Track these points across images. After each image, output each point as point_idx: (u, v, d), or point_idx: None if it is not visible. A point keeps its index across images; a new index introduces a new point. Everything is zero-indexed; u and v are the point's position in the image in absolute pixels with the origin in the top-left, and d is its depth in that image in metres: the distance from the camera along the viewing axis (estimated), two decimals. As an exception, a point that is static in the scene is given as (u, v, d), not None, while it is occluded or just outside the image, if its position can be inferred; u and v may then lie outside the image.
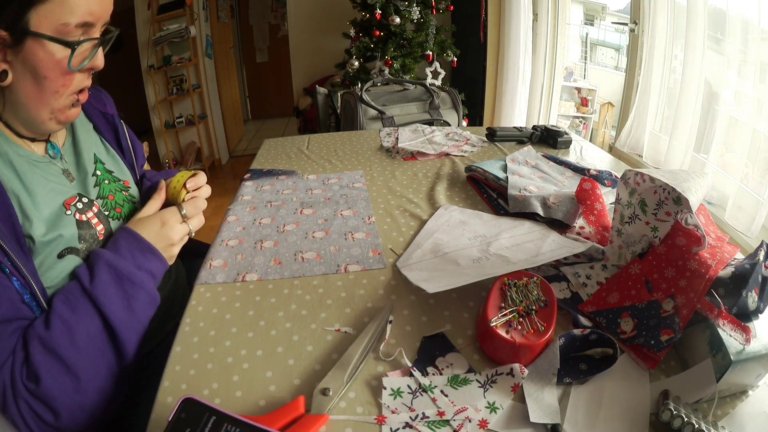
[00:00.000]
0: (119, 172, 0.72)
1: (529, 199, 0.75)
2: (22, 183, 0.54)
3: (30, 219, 0.53)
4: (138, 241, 0.59)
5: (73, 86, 0.56)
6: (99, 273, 0.54)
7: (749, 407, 0.44)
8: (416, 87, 1.65)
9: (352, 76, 2.59)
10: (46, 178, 0.58)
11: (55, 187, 0.58)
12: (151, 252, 0.59)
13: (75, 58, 0.52)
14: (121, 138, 0.75)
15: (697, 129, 1.57)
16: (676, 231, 0.53)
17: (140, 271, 0.57)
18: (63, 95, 0.55)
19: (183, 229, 0.63)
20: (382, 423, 0.41)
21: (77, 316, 0.51)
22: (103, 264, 0.55)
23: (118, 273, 0.55)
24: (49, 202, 0.56)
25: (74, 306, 0.51)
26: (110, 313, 0.52)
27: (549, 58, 2.65)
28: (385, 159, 1.04)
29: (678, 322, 0.47)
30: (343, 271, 0.63)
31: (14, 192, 0.53)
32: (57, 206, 0.57)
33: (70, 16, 0.49)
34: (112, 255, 0.56)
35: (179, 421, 0.37)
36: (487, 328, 0.47)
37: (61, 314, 0.50)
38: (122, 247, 0.58)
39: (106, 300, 0.52)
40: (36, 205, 0.54)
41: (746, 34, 1.37)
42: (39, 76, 0.52)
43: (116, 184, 0.69)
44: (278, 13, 4.52)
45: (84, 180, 0.64)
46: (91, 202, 0.62)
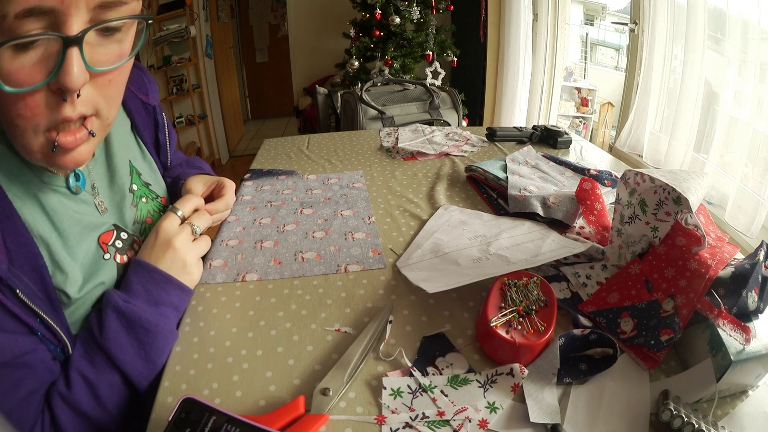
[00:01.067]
0: (156, 185, 0.63)
1: (529, 199, 0.75)
2: (51, 223, 0.45)
3: (64, 270, 0.45)
4: (150, 272, 0.50)
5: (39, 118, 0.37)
6: (108, 321, 0.46)
7: (749, 407, 0.44)
8: (416, 87, 1.65)
9: (352, 76, 2.59)
10: (77, 211, 0.48)
11: (89, 221, 0.49)
12: (168, 282, 0.50)
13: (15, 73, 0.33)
14: (160, 133, 0.65)
15: (697, 129, 1.57)
16: (676, 231, 0.53)
17: (158, 309, 0.49)
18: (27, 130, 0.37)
19: (198, 247, 0.55)
20: (382, 423, 0.41)
21: (97, 371, 0.46)
22: (111, 311, 0.46)
23: (129, 320, 0.47)
24: (82, 242, 0.48)
25: (92, 359, 0.46)
26: (126, 366, 0.46)
27: (549, 58, 2.65)
28: (385, 159, 1.04)
29: (678, 322, 0.47)
30: (343, 271, 0.63)
31: (42, 238, 0.43)
32: (93, 247, 0.49)
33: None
34: (122, 298, 0.48)
35: (179, 421, 0.37)
36: (487, 328, 0.47)
37: (81, 370, 0.45)
38: (133, 284, 0.49)
39: (119, 352, 0.46)
40: (69, 249, 0.46)
41: (746, 34, 1.37)
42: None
43: (154, 203, 0.61)
44: (278, 13, 4.52)
45: (120, 204, 0.55)
46: (131, 239, 0.54)
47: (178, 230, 0.53)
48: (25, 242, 0.41)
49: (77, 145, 0.41)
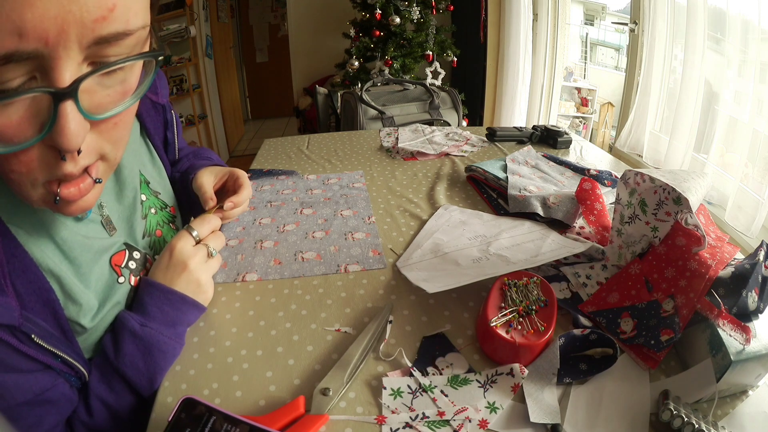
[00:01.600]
0: (165, 194, 0.61)
1: (529, 199, 0.75)
2: (62, 252, 0.43)
3: (77, 301, 0.43)
4: (165, 293, 0.49)
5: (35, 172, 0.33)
6: (124, 345, 0.46)
7: (749, 407, 0.44)
8: (416, 87, 1.65)
9: (352, 76, 2.59)
10: (86, 236, 0.46)
11: (99, 244, 0.47)
12: (184, 302, 0.50)
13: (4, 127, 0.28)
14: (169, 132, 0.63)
15: (697, 129, 1.57)
16: (676, 231, 0.53)
17: (174, 329, 0.49)
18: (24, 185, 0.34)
19: (211, 266, 0.54)
20: (382, 423, 0.41)
21: (116, 396, 0.46)
22: (127, 334, 0.46)
23: (146, 344, 0.46)
24: (95, 267, 0.46)
25: (110, 383, 0.46)
26: (142, 389, 0.46)
27: (549, 58, 2.65)
28: (385, 159, 1.04)
29: (678, 322, 0.47)
30: (343, 271, 0.63)
31: (53, 272, 0.41)
32: (106, 271, 0.48)
33: None
34: (138, 322, 0.47)
35: (179, 421, 0.37)
36: (487, 328, 0.47)
37: (100, 395, 0.45)
38: (149, 306, 0.48)
39: (136, 377, 0.45)
40: (82, 277, 0.44)
41: (746, 34, 1.37)
42: None
43: (163, 213, 0.59)
44: (278, 13, 4.52)
45: (130, 218, 0.53)
46: (143, 258, 0.53)
47: (193, 252, 0.52)
48: (35, 279, 0.39)
49: (82, 195, 0.36)
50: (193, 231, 0.54)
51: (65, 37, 0.27)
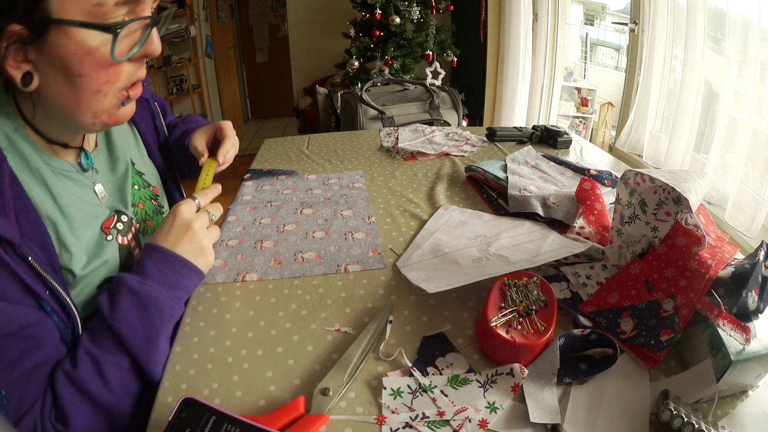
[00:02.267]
0: (149, 175, 0.66)
1: (529, 199, 0.75)
2: (58, 207, 0.47)
3: (69, 250, 0.47)
4: (165, 255, 0.50)
5: (121, 81, 0.46)
6: (121, 301, 0.46)
7: (749, 407, 0.44)
8: (416, 87, 1.65)
9: (352, 76, 2.59)
10: (81, 198, 0.51)
11: (91, 209, 0.52)
12: (184, 266, 0.50)
13: (120, 45, 0.42)
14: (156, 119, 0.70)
15: (697, 129, 1.57)
16: (676, 231, 0.53)
17: (174, 292, 0.49)
18: (108, 94, 0.45)
19: (212, 234, 0.55)
20: (382, 423, 0.41)
21: (104, 352, 0.45)
22: (126, 291, 0.46)
23: (144, 301, 0.46)
24: (87, 228, 0.50)
25: (101, 341, 0.45)
26: (135, 348, 0.45)
27: (549, 58, 2.65)
28: (385, 159, 1.04)
29: (678, 322, 0.47)
30: (343, 271, 0.63)
31: (50, 218, 0.46)
32: (96, 232, 0.51)
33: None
34: (137, 279, 0.47)
35: (179, 421, 0.37)
36: (487, 328, 0.47)
37: (88, 349, 0.45)
38: (148, 267, 0.49)
39: (129, 334, 0.45)
40: (74, 231, 0.48)
41: (746, 34, 1.37)
42: (72, 74, 0.42)
43: (146, 191, 0.63)
44: (278, 13, 4.52)
45: (121, 188, 0.58)
46: (130, 221, 0.57)
47: (197, 215, 0.54)
48: (34, 221, 0.44)
49: (139, 94, 0.50)
50: (195, 198, 0.56)
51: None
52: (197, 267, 0.52)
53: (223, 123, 0.72)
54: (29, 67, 0.41)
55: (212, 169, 0.66)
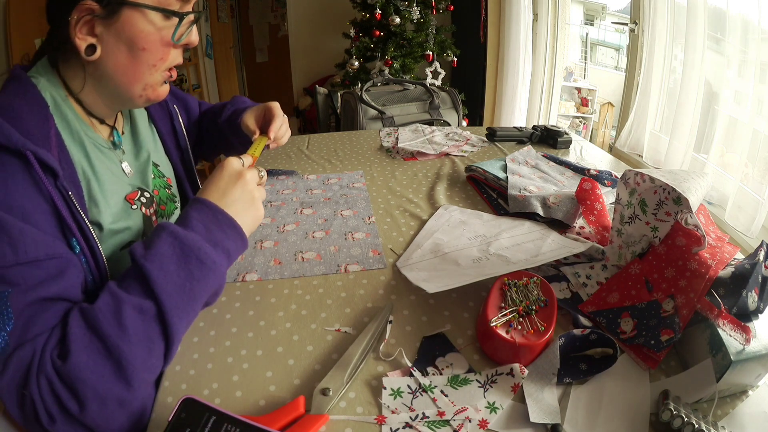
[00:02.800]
0: (163, 167, 0.70)
1: (529, 199, 0.75)
2: (92, 168, 0.52)
3: (98, 205, 0.51)
4: (214, 211, 0.47)
5: (169, 61, 0.53)
6: (159, 244, 0.43)
7: (749, 407, 0.44)
8: (416, 87, 1.65)
9: (352, 76, 2.58)
10: (110, 169, 0.55)
11: (117, 179, 0.56)
12: (232, 227, 0.48)
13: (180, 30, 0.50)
14: (175, 122, 0.73)
15: (697, 129, 1.57)
16: (676, 231, 0.53)
17: (215, 249, 0.45)
18: (159, 69, 0.53)
19: (262, 191, 0.54)
20: (382, 423, 0.41)
21: (127, 292, 0.41)
22: (166, 235, 0.43)
23: (185, 247, 0.43)
24: (114, 194, 0.54)
25: (128, 284, 0.42)
26: (163, 295, 0.41)
27: (549, 58, 2.65)
28: (385, 159, 1.04)
29: (678, 322, 0.47)
30: (343, 271, 0.63)
31: (85, 174, 0.51)
32: (121, 201, 0.55)
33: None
34: (181, 227, 0.45)
35: (179, 421, 0.37)
36: (487, 328, 0.47)
37: (111, 289, 0.41)
38: (194, 219, 0.46)
39: (161, 278, 0.41)
40: (104, 193, 0.52)
41: (746, 34, 1.37)
42: (136, 48, 0.49)
43: (160, 180, 0.67)
44: (278, 13, 4.51)
45: (143, 172, 0.62)
46: (152, 198, 0.61)
47: (247, 168, 0.53)
48: (72, 173, 0.48)
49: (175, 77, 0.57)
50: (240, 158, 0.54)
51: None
52: (243, 231, 0.49)
53: (271, 104, 0.73)
54: (94, 40, 0.47)
55: (262, 145, 0.66)
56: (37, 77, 0.51)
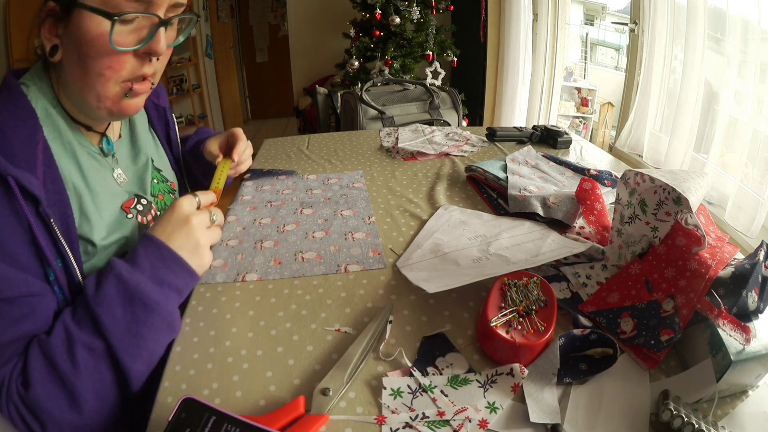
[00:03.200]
0: (166, 171, 0.69)
1: (529, 199, 0.75)
2: (84, 180, 0.51)
3: (90, 221, 0.50)
4: (160, 249, 0.48)
5: (125, 72, 0.48)
6: (106, 287, 0.45)
7: (749, 407, 0.44)
8: (416, 87, 1.65)
9: (352, 76, 2.59)
10: (105, 178, 0.54)
11: (112, 188, 0.55)
12: (177, 263, 0.48)
13: (119, 35, 0.45)
14: (171, 131, 0.73)
15: (697, 129, 1.57)
16: (676, 231, 0.53)
17: (161, 289, 0.47)
18: (110, 80, 0.48)
19: (212, 234, 0.53)
20: (382, 423, 0.41)
21: (79, 329, 0.44)
22: (112, 277, 0.45)
23: (129, 291, 0.45)
24: (109, 204, 0.53)
25: (79, 318, 0.45)
26: (112, 337, 0.44)
27: (549, 58, 2.65)
28: (385, 159, 1.04)
29: (678, 322, 0.47)
30: (343, 271, 0.63)
31: (76, 190, 0.49)
32: (116, 210, 0.54)
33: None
34: (127, 268, 0.46)
35: (179, 421, 0.37)
36: (487, 328, 0.47)
37: (65, 323, 0.44)
38: (140, 257, 0.47)
39: (108, 320, 0.44)
40: (97, 205, 0.51)
41: (746, 34, 1.37)
42: (83, 53, 0.46)
43: (164, 185, 0.66)
44: (278, 13, 4.52)
45: (142, 177, 0.61)
46: (149, 205, 0.59)
47: (197, 212, 0.52)
48: (60, 191, 0.47)
49: (145, 91, 0.52)
50: (197, 196, 0.54)
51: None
52: (191, 267, 0.50)
53: (234, 129, 0.76)
54: (57, 41, 0.47)
55: (226, 169, 0.68)
56: (29, 84, 0.50)
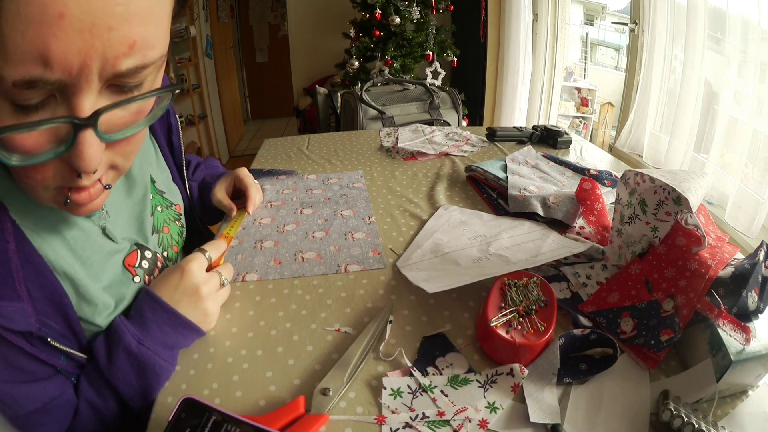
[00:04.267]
0: (170, 193, 0.62)
1: (529, 199, 0.75)
2: (73, 253, 0.43)
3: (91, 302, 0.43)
4: (169, 314, 0.46)
5: (48, 180, 0.34)
6: (117, 360, 0.44)
7: (749, 407, 0.44)
8: (416, 87, 1.65)
9: (352, 76, 2.59)
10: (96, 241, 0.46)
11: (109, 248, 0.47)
12: (187, 327, 0.47)
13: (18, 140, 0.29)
14: (174, 136, 0.66)
15: (697, 129, 1.57)
16: (676, 231, 0.53)
17: (172, 352, 0.47)
18: (38, 188, 0.35)
19: (221, 296, 0.52)
20: (382, 423, 0.41)
21: (104, 402, 0.45)
22: (122, 351, 0.44)
23: (141, 363, 0.44)
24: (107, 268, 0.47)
25: (99, 390, 0.45)
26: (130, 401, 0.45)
27: (549, 58, 2.65)
28: (385, 159, 1.04)
29: (678, 322, 0.47)
30: (343, 271, 0.63)
31: (66, 273, 0.41)
32: (119, 271, 0.48)
33: (2, 65, 0.25)
34: (135, 338, 0.44)
35: (179, 421, 0.37)
36: (487, 328, 0.47)
37: (88, 399, 0.44)
38: (149, 322, 0.45)
39: (127, 391, 0.44)
40: (95, 277, 0.45)
41: (746, 34, 1.37)
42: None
43: (169, 211, 0.60)
44: (278, 13, 4.52)
45: (139, 217, 0.53)
46: (155, 256, 0.53)
47: (206, 278, 0.50)
48: (48, 284, 0.39)
49: (92, 200, 0.38)
50: (206, 252, 0.52)
51: (88, 70, 0.28)
52: (200, 329, 0.49)
53: (240, 172, 0.76)
54: None
55: (240, 220, 0.71)
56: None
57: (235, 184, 0.76)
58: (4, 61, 0.25)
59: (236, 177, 0.76)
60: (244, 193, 0.74)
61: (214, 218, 0.79)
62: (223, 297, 0.53)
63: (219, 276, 0.52)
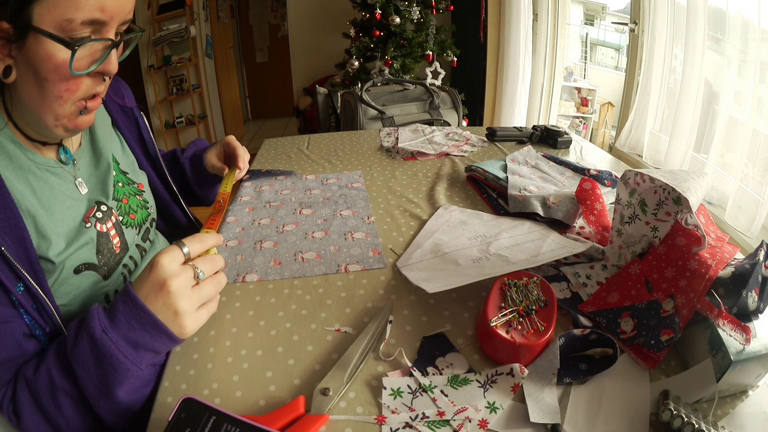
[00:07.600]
0: (133, 174, 0.68)
1: (529, 199, 0.75)
2: (38, 200, 0.50)
3: (47, 238, 0.49)
4: (137, 308, 0.44)
5: (80, 92, 0.49)
6: (80, 343, 0.43)
7: (749, 407, 0.44)
8: (416, 87, 1.65)
9: (352, 76, 2.59)
10: (63, 192, 0.54)
11: (72, 202, 0.55)
12: (155, 327, 0.44)
13: (78, 61, 0.46)
14: (142, 130, 0.73)
15: (697, 129, 1.57)
16: (676, 231, 0.53)
17: (136, 351, 0.44)
18: (68, 101, 0.49)
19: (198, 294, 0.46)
20: (382, 423, 0.41)
21: (62, 377, 0.44)
22: (85, 335, 0.43)
23: (100, 352, 0.43)
24: (67, 219, 0.53)
25: (61, 364, 0.45)
26: (86, 390, 0.44)
27: (549, 58, 2.65)
28: (385, 159, 1.04)
29: (678, 322, 0.47)
30: (343, 271, 0.63)
31: (30, 212, 0.49)
32: (77, 222, 0.54)
33: (75, 11, 0.43)
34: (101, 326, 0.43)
35: (179, 421, 0.37)
36: (487, 328, 0.47)
37: (49, 367, 0.45)
38: (119, 314, 0.44)
39: (82, 374, 0.43)
40: (54, 222, 0.51)
41: (746, 34, 1.37)
42: (40, 77, 0.46)
43: (130, 187, 0.66)
44: (278, 13, 4.52)
45: (103, 181, 0.61)
46: (110, 211, 0.59)
47: (177, 271, 0.45)
48: (12, 216, 0.47)
49: (97, 107, 0.54)
50: (184, 246, 0.47)
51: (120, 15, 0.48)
52: (171, 332, 0.44)
53: (227, 138, 0.84)
54: (11, 61, 0.45)
55: (233, 177, 0.75)
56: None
57: (225, 149, 0.84)
58: (77, 9, 0.43)
59: (224, 143, 0.84)
60: (233, 156, 0.82)
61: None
62: (202, 295, 0.47)
63: (193, 269, 0.46)
